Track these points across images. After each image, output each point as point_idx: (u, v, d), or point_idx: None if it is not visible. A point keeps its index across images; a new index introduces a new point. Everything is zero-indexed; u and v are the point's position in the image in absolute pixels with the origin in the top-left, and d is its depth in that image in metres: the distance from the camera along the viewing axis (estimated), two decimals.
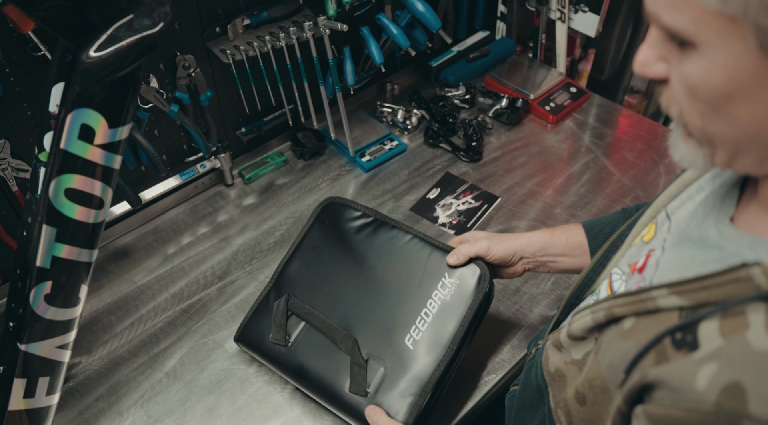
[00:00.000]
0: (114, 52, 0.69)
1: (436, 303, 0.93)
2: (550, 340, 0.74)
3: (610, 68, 1.68)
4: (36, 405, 0.85)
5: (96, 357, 1.10)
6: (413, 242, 0.99)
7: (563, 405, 0.68)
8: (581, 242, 0.93)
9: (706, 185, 0.63)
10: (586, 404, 0.63)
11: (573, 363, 0.68)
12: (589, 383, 0.62)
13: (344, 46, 1.36)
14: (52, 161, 0.72)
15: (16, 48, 0.96)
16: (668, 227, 0.64)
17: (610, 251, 0.76)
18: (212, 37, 1.19)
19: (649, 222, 0.70)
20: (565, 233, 0.94)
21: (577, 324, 0.66)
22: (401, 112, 1.53)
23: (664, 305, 0.53)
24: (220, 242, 1.29)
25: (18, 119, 1.02)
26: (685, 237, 0.59)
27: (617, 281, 0.70)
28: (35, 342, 0.80)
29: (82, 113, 0.70)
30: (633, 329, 0.57)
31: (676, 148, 0.54)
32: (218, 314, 1.16)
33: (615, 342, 0.59)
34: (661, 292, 0.54)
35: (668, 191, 0.69)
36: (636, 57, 0.51)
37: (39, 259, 0.75)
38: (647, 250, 0.66)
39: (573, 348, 0.69)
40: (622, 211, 0.95)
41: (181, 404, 1.03)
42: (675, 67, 0.48)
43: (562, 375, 0.70)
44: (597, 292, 0.73)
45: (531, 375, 0.79)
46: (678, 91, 0.49)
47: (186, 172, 1.31)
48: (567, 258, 0.93)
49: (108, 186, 0.77)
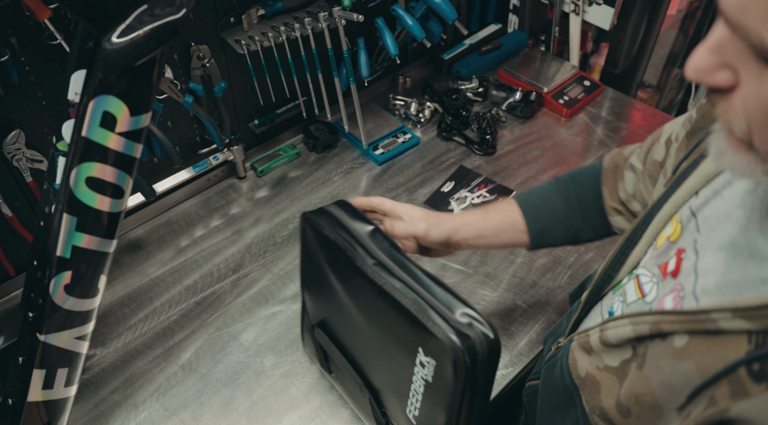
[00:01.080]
0: (136, 38, 0.67)
1: (421, 383, 0.73)
2: (576, 342, 0.72)
3: (623, 62, 1.66)
4: (54, 396, 0.84)
5: (111, 349, 1.09)
6: (379, 300, 0.74)
7: (600, 412, 0.66)
8: (516, 221, 0.91)
9: (734, 179, 0.60)
10: (630, 417, 0.61)
11: (608, 369, 0.66)
12: (636, 398, 0.60)
13: (358, 38, 1.34)
14: (73, 148, 0.71)
15: (32, 37, 0.95)
16: (696, 226, 0.61)
17: (628, 247, 0.73)
18: (226, 27, 1.18)
19: (669, 218, 0.67)
20: (499, 213, 0.92)
21: (613, 333, 0.64)
22: (414, 105, 1.52)
23: (728, 327, 0.51)
24: (233, 235, 1.28)
25: (33, 108, 1.01)
26: (729, 245, 0.55)
27: (648, 283, 0.67)
28: (54, 332, 0.79)
29: (104, 100, 0.69)
30: (689, 349, 0.54)
31: (722, 156, 0.49)
32: (233, 307, 1.15)
33: (666, 360, 0.57)
34: (724, 315, 0.51)
35: (687, 185, 0.65)
36: (692, 61, 0.47)
37: (59, 248, 0.74)
38: (676, 250, 0.63)
39: (606, 355, 0.66)
40: (555, 182, 0.93)
41: (197, 397, 1.02)
42: (752, 82, 0.44)
43: (595, 381, 0.67)
44: (623, 294, 0.70)
45: (554, 375, 0.77)
46: (753, 108, 0.44)
47: (199, 164, 1.30)
48: (502, 238, 0.92)
49: (128, 175, 0.76)
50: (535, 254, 1.23)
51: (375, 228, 0.81)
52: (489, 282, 1.18)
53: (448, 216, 0.92)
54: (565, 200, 0.90)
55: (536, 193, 0.93)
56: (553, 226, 0.91)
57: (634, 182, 0.85)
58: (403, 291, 0.71)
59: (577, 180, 0.92)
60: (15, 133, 1.00)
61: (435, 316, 0.67)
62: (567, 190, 0.91)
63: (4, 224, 1.06)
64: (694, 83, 1.90)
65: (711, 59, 0.45)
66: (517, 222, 0.91)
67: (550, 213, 0.90)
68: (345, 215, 0.82)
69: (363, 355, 0.85)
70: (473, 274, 1.20)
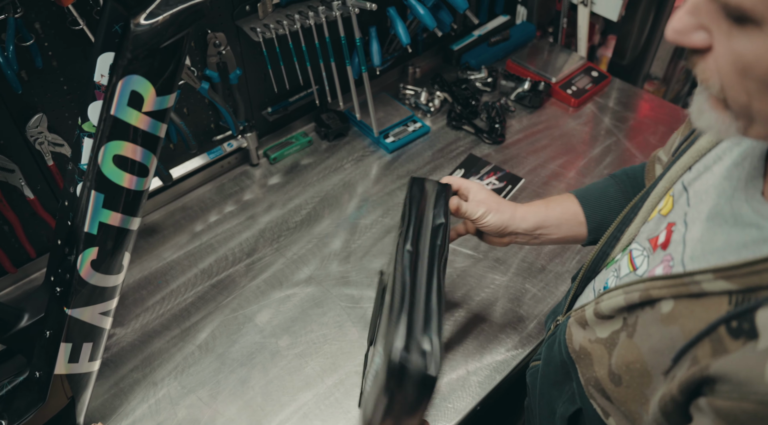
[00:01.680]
0: (164, 19, 0.70)
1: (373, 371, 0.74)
2: (573, 317, 0.74)
3: (631, 53, 1.68)
4: (79, 370, 0.87)
5: (129, 329, 1.11)
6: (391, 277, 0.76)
7: (595, 383, 0.68)
8: (576, 212, 0.91)
9: (724, 154, 0.62)
10: (621, 385, 0.63)
11: (598, 341, 0.68)
12: (627, 366, 0.62)
13: (370, 27, 1.37)
14: (101, 127, 0.73)
15: (56, 22, 0.97)
16: (686, 200, 0.64)
17: (624, 224, 0.76)
18: (242, 15, 1.20)
19: (664, 194, 0.69)
20: (560, 205, 0.92)
21: (606, 304, 0.66)
22: (424, 94, 1.54)
23: (710, 289, 0.53)
24: (247, 220, 1.30)
25: (54, 93, 1.04)
26: (715, 214, 0.58)
27: (639, 257, 0.69)
28: (80, 307, 0.81)
29: (132, 80, 0.71)
30: (675, 313, 0.57)
31: (701, 115, 0.52)
32: (247, 290, 1.17)
33: (654, 326, 0.59)
34: (707, 277, 0.53)
35: (682, 161, 0.68)
36: (671, 23, 0.50)
37: (86, 225, 0.77)
38: (666, 223, 0.65)
39: (598, 327, 0.69)
40: (611, 177, 0.94)
41: (213, 375, 1.05)
42: (723, 41, 0.46)
43: (588, 353, 0.70)
44: (617, 269, 0.72)
45: (554, 352, 0.79)
46: (724, 67, 0.47)
47: (213, 150, 1.33)
48: (562, 230, 0.92)
49: (153, 154, 0.78)
50: None
51: (442, 224, 0.80)
52: (499, 267, 1.20)
53: (511, 205, 0.91)
54: (622, 191, 0.91)
55: (593, 187, 0.94)
56: (611, 218, 0.88)
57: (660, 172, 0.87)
58: (403, 287, 0.71)
59: (630, 174, 0.93)
60: (38, 117, 1.02)
61: (403, 325, 0.66)
62: (624, 182, 0.92)
63: (25, 207, 1.09)
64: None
65: (688, 21, 0.48)
66: (577, 213, 0.91)
67: (608, 205, 0.91)
68: (432, 197, 0.84)
69: None
70: (483, 259, 1.22)
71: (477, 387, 1.03)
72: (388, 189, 1.36)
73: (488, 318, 1.12)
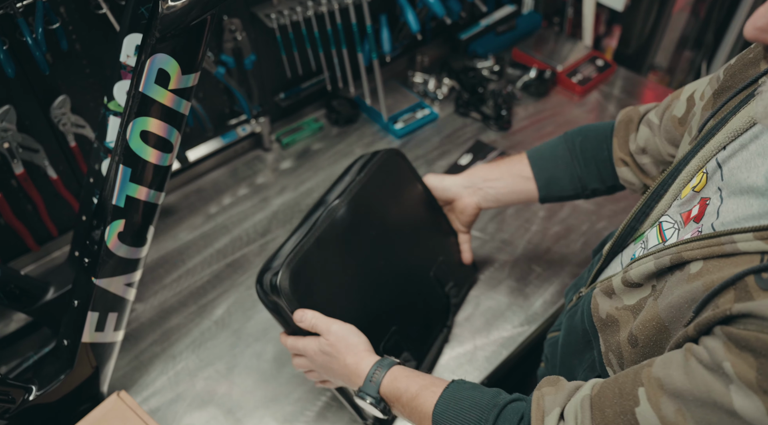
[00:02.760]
0: (191, 1, 0.73)
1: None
2: (599, 288, 0.75)
3: (635, 43, 1.71)
4: (104, 339, 0.90)
5: (148, 306, 1.15)
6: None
7: (615, 348, 0.69)
8: (522, 169, 1.00)
9: (761, 133, 0.62)
10: (637, 346, 0.64)
11: (626, 308, 0.68)
12: (643, 324, 0.63)
13: (381, 14, 1.40)
14: (130, 103, 0.77)
15: (79, 6, 1.00)
16: (720, 176, 0.63)
17: (653, 200, 0.76)
18: (257, 1, 1.23)
19: (697, 172, 0.69)
20: (506, 162, 1.02)
21: (636, 271, 0.66)
22: (432, 82, 1.57)
23: (747, 249, 0.53)
24: (260, 203, 1.34)
25: (78, 75, 1.07)
26: (749, 188, 0.58)
27: (669, 229, 0.69)
28: (107, 277, 0.85)
29: (160, 59, 0.75)
30: (701, 271, 0.57)
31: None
32: None
33: (678, 286, 0.59)
34: (746, 236, 0.53)
35: (716, 140, 0.67)
36: (752, 19, 0.48)
37: (114, 198, 0.80)
38: (699, 198, 0.65)
39: (625, 295, 0.69)
40: (563, 135, 0.99)
41: (230, 349, 1.09)
42: None
43: (615, 320, 0.70)
44: (645, 241, 0.73)
45: (575, 322, 0.80)
46: None
47: (228, 134, 1.36)
48: (508, 183, 1.00)
49: (177, 131, 0.82)
50: (550, 222, 1.29)
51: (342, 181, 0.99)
52: (505, 248, 1.24)
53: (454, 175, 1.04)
54: (569, 150, 0.97)
55: (544, 146, 1.00)
56: (558, 175, 0.97)
57: (647, 136, 0.88)
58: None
59: (584, 133, 0.98)
60: (62, 99, 1.05)
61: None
62: (572, 141, 0.97)
63: (48, 187, 1.12)
64: (703, 67, 1.95)
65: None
66: (524, 170, 0.99)
67: (555, 162, 0.97)
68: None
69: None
70: (490, 240, 1.25)
71: (484, 362, 1.07)
72: None
73: (495, 296, 1.16)
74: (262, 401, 1.02)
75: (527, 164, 1.00)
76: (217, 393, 1.03)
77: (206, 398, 1.02)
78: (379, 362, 0.80)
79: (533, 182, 0.99)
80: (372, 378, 0.79)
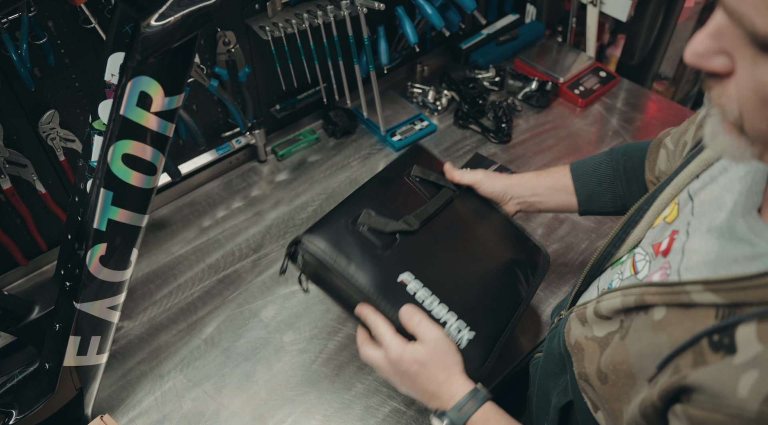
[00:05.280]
0: (173, 22, 0.71)
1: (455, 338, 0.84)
2: (575, 313, 0.76)
3: (640, 53, 1.68)
4: (87, 362, 0.89)
5: (137, 322, 1.13)
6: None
7: (585, 378, 0.70)
8: (566, 184, 1.00)
9: (730, 166, 0.62)
10: (607, 384, 0.65)
11: (593, 339, 0.70)
12: (614, 366, 0.64)
13: (378, 26, 1.37)
14: (111, 126, 0.75)
15: (68, 20, 0.99)
16: (691, 209, 0.64)
17: (629, 225, 0.77)
18: (252, 13, 1.21)
19: (670, 201, 0.71)
20: (551, 175, 1.01)
21: (605, 304, 0.68)
22: (431, 93, 1.55)
23: (699, 301, 0.54)
24: (254, 216, 1.32)
25: (67, 90, 1.06)
26: (714, 226, 0.59)
27: (641, 262, 0.70)
28: (89, 301, 0.83)
29: (141, 81, 0.73)
30: (665, 321, 0.58)
31: (714, 138, 0.51)
32: (253, 285, 1.19)
33: (645, 331, 0.60)
34: (696, 288, 0.54)
35: (689, 169, 0.68)
36: (691, 46, 0.48)
37: (96, 221, 0.79)
38: (670, 231, 0.67)
39: (596, 325, 0.70)
40: (608, 152, 0.99)
41: (219, 369, 1.07)
42: (747, 68, 0.45)
43: (581, 348, 0.72)
44: (621, 271, 0.74)
45: (554, 344, 0.81)
46: (746, 94, 0.46)
47: (222, 147, 1.34)
48: (553, 198, 1.01)
49: (161, 153, 0.80)
50: (548, 239, 1.26)
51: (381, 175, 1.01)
52: None
53: (504, 175, 1.03)
54: (613, 168, 0.96)
55: (589, 161, 1.00)
56: (600, 192, 0.97)
57: (665, 160, 0.89)
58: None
59: (629, 152, 0.97)
60: (50, 113, 1.04)
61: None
62: (617, 160, 0.97)
63: (37, 201, 1.11)
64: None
65: (709, 44, 0.47)
66: (567, 186, 0.98)
67: (599, 180, 0.97)
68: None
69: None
70: None
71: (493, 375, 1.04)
72: None
73: None
74: (249, 423, 1.00)
75: (569, 178, 1.00)
76: (205, 415, 1.01)
77: (193, 420, 1.00)
78: (474, 392, 0.76)
79: (574, 197, 1.00)
80: (462, 407, 0.75)
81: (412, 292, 0.84)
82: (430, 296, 0.84)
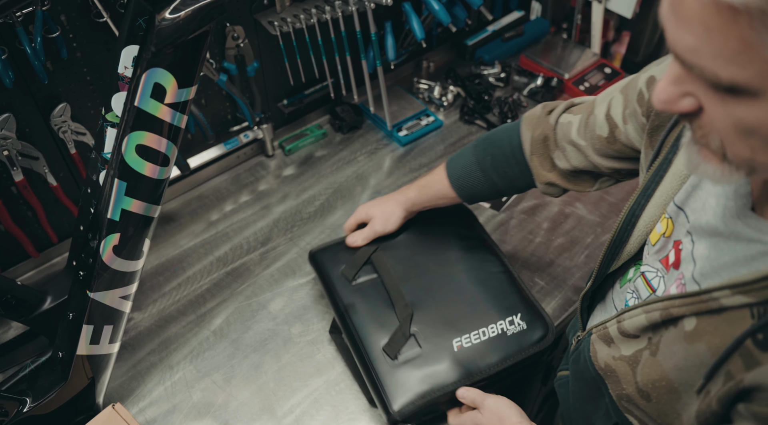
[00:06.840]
0: (187, 15, 0.72)
1: (497, 330, 0.98)
2: (596, 334, 0.75)
3: (645, 50, 1.68)
4: (99, 351, 0.90)
5: (147, 314, 1.15)
6: (504, 275, 1.06)
7: (627, 399, 0.70)
8: (447, 193, 1.05)
9: None
10: (651, 401, 0.65)
11: (621, 359, 0.69)
12: (652, 384, 0.64)
13: (386, 21, 1.38)
14: (125, 118, 0.76)
15: (80, 14, 1.00)
16: (685, 217, 0.65)
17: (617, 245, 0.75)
18: (260, 8, 1.22)
19: (659, 218, 0.70)
20: (433, 188, 1.06)
21: (629, 322, 0.67)
22: (437, 88, 1.56)
23: (730, 304, 0.55)
24: (261, 210, 1.33)
25: (78, 83, 1.07)
26: (714, 231, 0.59)
27: (654, 279, 0.70)
28: (102, 291, 0.84)
29: (155, 73, 0.74)
30: (699, 331, 0.58)
31: (697, 167, 0.52)
32: (261, 278, 1.20)
33: (678, 344, 0.60)
34: (724, 293, 0.55)
35: (665, 186, 0.68)
36: (656, 94, 0.49)
37: (109, 211, 0.80)
38: (672, 242, 0.67)
39: (623, 345, 0.70)
40: (473, 148, 1.01)
41: (228, 360, 1.08)
42: (717, 106, 0.46)
43: (612, 370, 0.71)
44: (634, 289, 0.74)
45: (580, 367, 0.80)
46: (724, 128, 0.47)
47: (230, 141, 1.35)
48: (440, 203, 1.08)
49: (174, 144, 0.81)
50: (553, 234, 1.27)
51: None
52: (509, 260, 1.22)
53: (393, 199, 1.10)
54: (482, 170, 0.99)
55: (459, 163, 1.02)
56: (479, 190, 1.01)
57: (578, 157, 0.89)
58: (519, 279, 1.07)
59: (491, 152, 0.99)
60: (62, 106, 1.05)
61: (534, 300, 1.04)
62: (483, 159, 0.99)
63: (48, 193, 1.12)
64: None
65: (673, 91, 0.48)
66: (449, 193, 1.04)
67: (475, 183, 1.00)
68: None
69: (422, 290, 1.04)
70: None
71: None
72: (400, 182, 1.38)
73: None
74: (258, 413, 1.01)
75: (449, 186, 1.03)
76: (214, 405, 1.02)
77: (203, 410, 1.02)
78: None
79: (458, 199, 1.05)
80: None
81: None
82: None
